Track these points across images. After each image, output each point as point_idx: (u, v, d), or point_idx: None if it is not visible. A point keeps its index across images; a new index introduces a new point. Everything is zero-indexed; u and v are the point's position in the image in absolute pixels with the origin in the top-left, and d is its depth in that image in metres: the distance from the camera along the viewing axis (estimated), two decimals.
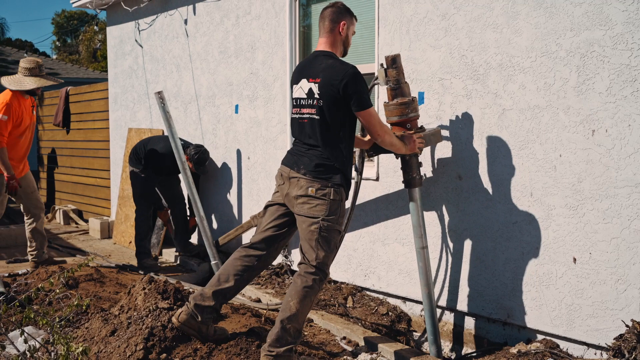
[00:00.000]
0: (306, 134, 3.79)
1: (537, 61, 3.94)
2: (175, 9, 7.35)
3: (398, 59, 4.21)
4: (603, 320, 3.71)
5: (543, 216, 3.97)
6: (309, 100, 3.76)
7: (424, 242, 4.28)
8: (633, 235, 3.57)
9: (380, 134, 3.82)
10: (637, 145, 3.52)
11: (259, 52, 6.13)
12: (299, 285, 3.65)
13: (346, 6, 3.94)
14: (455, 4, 4.37)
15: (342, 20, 3.86)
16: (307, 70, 3.83)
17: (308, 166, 3.71)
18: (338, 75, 3.66)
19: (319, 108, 3.71)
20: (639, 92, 3.49)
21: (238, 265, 3.86)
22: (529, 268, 4.06)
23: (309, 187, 3.68)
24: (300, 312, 3.62)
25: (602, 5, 3.62)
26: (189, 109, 7.24)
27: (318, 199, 3.67)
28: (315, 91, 3.72)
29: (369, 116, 3.74)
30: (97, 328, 4.02)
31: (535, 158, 3.99)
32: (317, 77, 3.73)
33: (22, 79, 6.21)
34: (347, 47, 3.97)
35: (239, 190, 6.53)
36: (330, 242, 3.71)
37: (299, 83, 3.85)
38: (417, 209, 4.25)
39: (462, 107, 4.37)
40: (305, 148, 3.78)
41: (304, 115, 3.79)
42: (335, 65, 3.73)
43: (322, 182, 3.68)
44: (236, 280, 3.83)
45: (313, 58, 3.88)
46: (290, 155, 3.90)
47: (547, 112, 3.91)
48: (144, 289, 4.23)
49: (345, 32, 3.88)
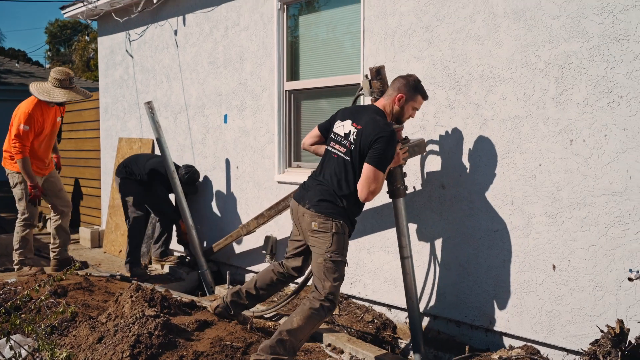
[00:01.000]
0: (329, 169, 3.98)
1: (517, 72, 4.02)
2: (165, 19, 7.42)
3: (382, 70, 4.29)
4: (582, 326, 3.78)
5: (523, 224, 4.05)
6: (344, 141, 3.95)
7: (408, 252, 4.34)
8: (610, 243, 3.64)
9: (365, 196, 3.84)
10: (613, 154, 3.60)
11: (248, 63, 6.20)
12: (306, 305, 3.86)
13: (418, 83, 4.07)
14: (438, 16, 4.45)
15: (402, 94, 4.01)
16: (355, 115, 4.02)
17: (312, 200, 3.93)
18: (377, 128, 3.83)
19: (349, 151, 3.90)
20: (614, 102, 3.58)
21: (273, 278, 4.34)
22: (510, 275, 4.13)
23: (312, 222, 3.90)
24: (300, 329, 3.80)
25: (579, 19, 3.71)
26: (178, 118, 7.30)
27: (321, 232, 3.88)
28: (352, 135, 3.91)
29: (374, 176, 3.80)
30: (84, 335, 4.06)
31: (515, 167, 4.07)
32: (360, 124, 3.92)
33: (51, 90, 6.22)
34: (400, 118, 4.10)
35: (227, 199, 6.58)
36: (336, 272, 3.88)
37: (344, 121, 4.03)
38: (401, 219, 4.32)
39: (445, 117, 4.45)
40: (316, 183, 4.00)
41: (336, 151, 3.99)
42: (379, 121, 3.89)
43: (324, 216, 3.87)
44: (268, 290, 4.39)
45: (366, 109, 4.10)
46: (300, 189, 4.14)
47: (527, 122, 3.99)
48: (131, 296, 4.27)
49: (400, 104, 4.03)
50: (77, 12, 8.61)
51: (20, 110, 6.17)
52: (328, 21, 5.58)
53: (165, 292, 4.70)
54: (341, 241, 3.89)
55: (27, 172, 6.13)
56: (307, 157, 5.79)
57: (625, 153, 3.55)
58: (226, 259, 6.59)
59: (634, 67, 3.49)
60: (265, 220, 5.59)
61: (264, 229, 5.88)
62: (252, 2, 6.12)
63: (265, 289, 4.35)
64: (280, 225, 5.85)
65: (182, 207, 6.40)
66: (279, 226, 5.86)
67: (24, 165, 6.10)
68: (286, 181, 5.74)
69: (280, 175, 5.86)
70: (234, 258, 6.49)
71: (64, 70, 6.38)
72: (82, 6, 8.40)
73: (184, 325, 4.09)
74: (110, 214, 8.23)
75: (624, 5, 3.51)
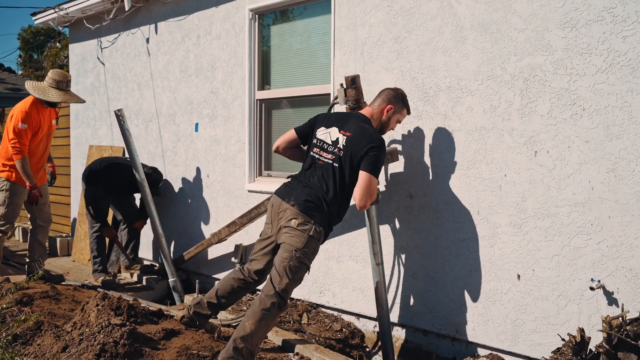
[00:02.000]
0: (316, 175, 3.98)
1: (484, 84, 4.09)
2: (138, 27, 7.40)
3: (357, 79, 4.36)
4: (545, 335, 3.84)
5: (489, 234, 4.10)
6: (332, 148, 3.98)
7: (380, 259, 4.41)
8: (573, 253, 3.70)
9: (365, 202, 3.87)
10: (576, 165, 3.67)
11: (219, 72, 6.21)
12: (257, 307, 3.80)
13: (405, 96, 4.22)
14: (407, 28, 4.51)
15: (390, 105, 4.12)
16: (342, 122, 4.06)
17: (298, 199, 3.91)
18: (369, 138, 3.89)
19: (338, 158, 3.93)
20: (577, 115, 3.65)
21: (234, 285, 4.23)
22: (476, 284, 4.18)
23: (293, 218, 3.88)
24: (254, 334, 3.75)
25: (544, 32, 3.78)
26: (149, 126, 7.27)
27: (298, 231, 3.85)
28: (341, 143, 3.94)
29: (371, 184, 3.86)
30: (48, 344, 4.01)
31: (482, 178, 4.12)
32: (349, 131, 3.95)
33: (47, 89, 6.08)
34: (384, 129, 4.18)
35: (198, 208, 6.56)
36: (297, 273, 3.87)
37: (329, 128, 4.06)
38: (373, 226, 4.39)
39: (413, 127, 4.49)
40: (302, 185, 3.99)
41: (323, 158, 4.00)
42: (369, 130, 3.97)
43: (307, 217, 3.86)
44: (230, 297, 4.27)
45: (352, 116, 4.12)
46: (284, 187, 4.10)
47: (492, 133, 4.05)
48: (97, 305, 4.24)
49: (388, 115, 4.13)
50: (48, 18, 8.55)
51: (16, 110, 6.00)
52: (301, 31, 5.62)
53: (133, 300, 4.67)
54: (313, 246, 3.90)
55: (26, 173, 5.92)
56: (278, 166, 5.80)
57: (587, 164, 3.62)
58: (196, 268, 6.56)
59: (596, 81, 3.57)
60: (237, 228, 5.58)
61: (234, 237, 5.87)
62: (224, 12, 6.14)
63: (227, 297, 4.27)
64: (250, 234, 5.84)
65: (151, 216, 6.36)
66: (249, 234, 5.85)
67: (24, 165, 5.89)
68: (257, 190, 5.75)
69: (250, 184, 5.86)
70: (204, 266, 6.47)
71: (62, 72, 6.26)
72: (53, 13, 8.35)
73: (151, 334, 4.06)
74: (79, 222, 8.15)
75: (587, 20, 3.59)
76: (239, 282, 4.22)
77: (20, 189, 6.06)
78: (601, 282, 3.57)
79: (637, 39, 3.42)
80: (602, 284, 3.57)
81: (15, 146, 5.86)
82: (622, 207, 3.50)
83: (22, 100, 6.12)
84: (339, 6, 5.00)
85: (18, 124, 5.88)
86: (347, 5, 4.94)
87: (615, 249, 3.54)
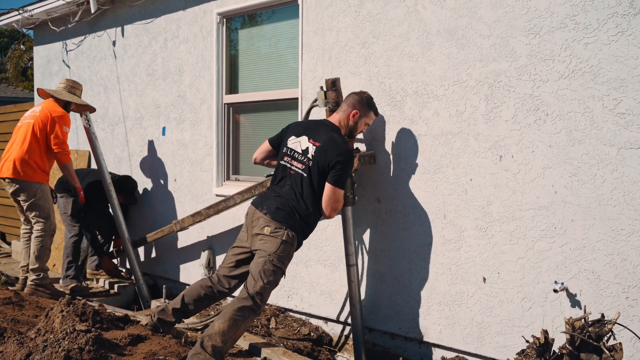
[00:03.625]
0: (287, 184, 4.02)
1: (450, 89, 4.13)
2: (104, 30, 7.33)
3: (337, 82, 4.42)
4: (510, 337, 3.89)
5: (455, 237, 4.14)
6: (302, 157, 4.01)
7: (354, 260, 4.46)
8: (537, 256, 3.76)
9: (329, 212, 3.98)
10: (540, 170, 3.73)
11: (187, 75, 6.18)
12: (228, 308, 3.84)
13: (370, 99, 4.24)
14: (375, 33, 4.54)
15: (356, 110, 4.16)
16: (311, 131, 4.09)
17: (270, 208, 3.96)
18: (337, 149, 3.92)
19: (307, 168, 3.97)
20: (541, 120, 3.71)
21: (201, 292, 4.20)
22: (443, 287, 4.22)
23: (266, 226, 3.93)
24: (223, 332, 3.76)
25: (508, 39, 3.84)
26: (116, 130, 7.20)
27: (271, 237, 3.91)
28: (311, 152, 3.97)
29: (335, 195, 3.94)
30: (11, 352, 3.94)
31: (448, 182, 4.17)
32: (318, 141, 3.99)
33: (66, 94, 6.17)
34: (353, 132, 4.23)
35: (165, 212, 6.51)
36: (272, 276, 3.89)
37: (299, 137, 4.09)
38: (349, 227, 4.45)
39: (381, 132, 4.52)
40: (275, 194, 4.03)
41: (293, 167, 4.04)
42: (338, 140, 3.99)
43: (278, 224, 3.91)
44: (196, 305, 4.25)
45: (321, 125, 4.14)
46: (259, 197, 4.15)
47: (458, 138, 4.10)
48: (62, 311, 4.18)
49: (354, 120, 4.18)
50: (12, 20, 8.40)
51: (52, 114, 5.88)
52: (269, 35, 5.61)
53: (98, 306, 4.61)
54: (287, 250, 3.93)
55: (72, 175, 6.00)
56: (246, 170, 5.79)
57: (551, 169, 3.69)
58: (163, 273, 6.51)
59: (559, 87, 3.63)
60: (202, 218, 5.53)
61: (200, 237, 5.84)
62: (191, 15, 6.11)
63: (193, 303, 4.25)
64: (215, 227, 5.82)
65: (118, 220, 6.30)
66: (215, 227, 5.83)
67: (70, 167, 5.96)
68: (224, 194, 5.72)
69: (218, 189, 5.84)
70: (171, 272, 6.42)
71: (76, 81, 6.36)
72: (17, 14, 8.20)
73: (117, 340, 4.02)
74: None
75: (550, 27, 3.66)
76: (207, 289, 4.21)
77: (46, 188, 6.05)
78: (564, 284, 3.63)
79: (598, 46, 3.49)
80: (565, 286, 3.63)
81: (61, 150, 5.86)
82: (585, 211, 3.57)
83: (48, 105, 6.01)
84: (307, 11, 5.02)
85: (64, 127, 5.89)
86: (315, 9, 4.96)
87: (578, 252, 3.60)
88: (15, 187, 5.84)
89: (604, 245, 3.51)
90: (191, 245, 6.15)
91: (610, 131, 3.46)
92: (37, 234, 5.93)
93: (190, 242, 6.16)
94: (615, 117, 3.44)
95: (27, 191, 5.85)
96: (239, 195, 5.13)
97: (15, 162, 5.79)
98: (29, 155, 5.80)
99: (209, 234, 5.94)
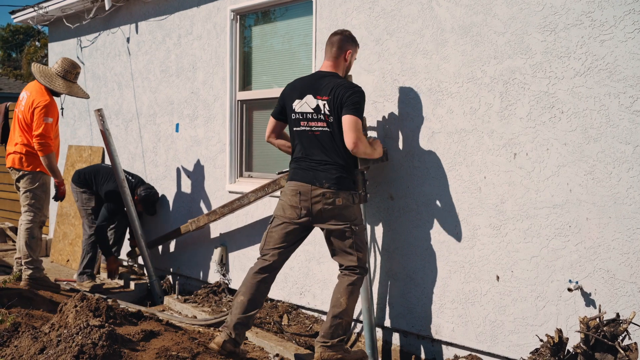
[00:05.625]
0: (318, 147, 4.06)
1: (464, 87, 4.11)
2: (118, 27, 7.36)
3: (350, 79, 4.40)
4: (524, 335, 3.87)
5: (469, 235, 4.12)
6: (318, 115, 4.04)
7: None
8: (551, 254, 3.74)
9: (357, 144, 3.98)
10: (554, 168, 3.70)
11: (200, 72, 6.19)
12: (344, 283, 4.05)
13: (352, 35, 4.27)
14: (389, 30, 4.52)
15: (349, 49, 4.22)
16: (312, 87, 4.11)
17: (330, 180, 4.00)
18: (348, 88, 4.01)
19: (329, 124, 4.03)
20: (556, 118, 3.68)
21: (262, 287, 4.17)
22: (456, 286, 4.20)
23: (336, 198, 4.01)
24: (349, 307, 4.03)
25: (523, 36, 3.81)
26: (130, 126, 7.22)
27: (346, 207, 4.03)
28: (325, 108, 4.01)
29: (357, 124, 3.97)
30: (26, 346, 3.97)
31: (461, 179, 4.15)
32: (326, 95, 4.02)
33: (54, 77, 5.90)
34: (347, 71, 4.30)
35: (178, 209, 6.53)
36: (362, 240, 4.12)
37: (303, 98, 4.11)
38: None
39: (394, 129, 4.51)
40: (317, 163, 4.06)
41: (315, 128, 4.07)
42: (344, 83, 4.07)
43: (344, 192, 4.02)
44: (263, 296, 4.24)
45: (319, 77, 4.15)
46: (303, 171, 4.11)
47: (472, 135, 4.08)
48: (75, 306, 4.20)
49: (349, 59, 4.25)
50: (28, 17, 8.47)
51: (36, 99, 5.70)
52: (283, 32, 5.61)
53: (112, 302, 4.63)
54: (359, 209, 4.15)
55: (53, 169, 5.77)
56: (259, 167, 5.80)
57: (565, 167, 3.66)
58: (176, 269, 6.53)
59: (575, 84, 3.60)
60: (217, 217, 5.57)
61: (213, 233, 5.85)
62: (205, 12, 6.12)
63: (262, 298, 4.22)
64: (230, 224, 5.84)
65: (131, 217, 6.33)
66: (229, 225, 5.84)
67: (51, 160, 5.71)
68: (237, 191, 5.73)
69: (231, 185, 5.85)
70: (184, 267, 6.44)
71: (74, 62, 6.05)
72: (32, 11, 8.26)
73: (130, 336, 4.04)
74: (58, 222, 8.07)
75: (565, 23, 3.63)
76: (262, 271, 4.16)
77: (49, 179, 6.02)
78: (579, 283, 3.61)
79: (614, 43, 3.46)
80: (579, 285, 3.60)
81: (41, 142, 5.64)
82: (600, 209, 3.54)
83: (34, 86, 5.87)
84: (321, 8, 5.01)
85: (44, 118, 5.64)
86: (328, 6, 4.95)
87: (592, 251, 3.58)
88: (19, 175, 5.88)
89: (619, 244, 3.48)
90: (204, 242, 6.16)
91: (626, 129, 3.43)
92: (26, 225, 5.85)
93: (203, 239, 6.17)
94: (632, 114, 3.41)
95: (29, 179, 5.87)
96: (253, 194, 5.15)
97: (19, 153, 5.83)
98: (27, 146, 5.81)
99: (221, 231, 5.95)
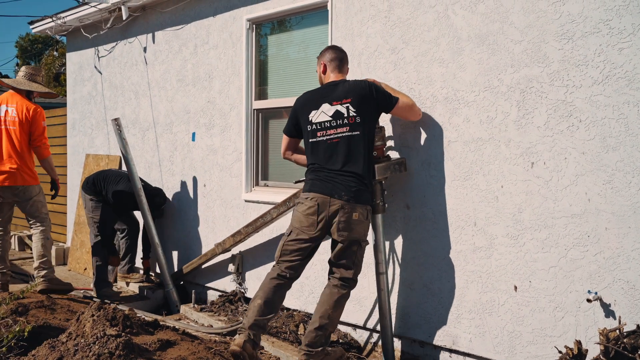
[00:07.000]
0: (336, 156, 4.09)
1: (480, 95, 4.09)
2: (135, 36, 7.41)
3: None
4: (542, 346, 3.83)
5: (486, 245, 4.09)
6: (338, 121, 4.10)
7: (384, 268, 4.44)
8: (570, 264, 3.70)
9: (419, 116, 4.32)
10: (572, 177, 3.67)
11: (216, 81, 6.21)
12: (336, 296, 4.11)
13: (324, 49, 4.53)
14: (404, 38, 4.52)
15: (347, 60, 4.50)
16: (327, 96, 4.21)
17: (349, 192, 4.03)
18: (364, 86, 4.15)
19: (354, 125, 4.09)
20: (574, 126, 3.65)
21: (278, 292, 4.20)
22: (473, 296, 4.17)
23: (354, 212, 4.05)
24: (336, 320, 4.17)
25: (540, 44, 3.79)
26: (146, 135, 7.27)
27: (360, 223, 4.08)
28: (350, 110, 4.10)
29: (404, 104, 4.21)
30: (43, 355, 3.99)
31: (478, 189, 4.12)
32: (346, 97, 4.11)
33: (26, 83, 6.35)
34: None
35: (194, 218, 6.55)
36: (362, 256, 4.21)
37: (319, 108, 4.18)
38: (379, 234, 4.43)
39: (410, 138, 4.50)
40: (335, 174, 4.09)
41: (334, 136, 4.12)
42: (356, 81, 4.22)
43: (362, 206, 4.07)
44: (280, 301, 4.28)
45: (333, 86, 4.25)
46: (322, 182, 4.12)
47: (489, 144, 4.05)
48: (92, 315, 4.22)
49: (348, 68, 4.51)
50: (46, 27, 8.56)
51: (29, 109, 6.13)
52: (298, 41, 5.62)
53: (128, 311, 4.64)
54: (369, 225, 4.22)
55: (53, 168, 6.39)
56: (275, 176, 5.80)
57: (584, 176, 3.62)
58: (192, 278, 6.54)
59: (593, 93, 3.57)
60: (243, 237, 5.58)
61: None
62: (221, 21, 6.15)
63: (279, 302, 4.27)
64: (247, 244, 5.83)
65: (148, 226, 6.36)
66: (245, 244, 5.84)
67: (50, 162, 6.33)
68: (253, 200, 5.74)
69: (247, 194, 5.85)
70: (200, 276, 6.45)
71: (35, 66, 6.68)
72: (50, 22, 8.36)
73: (146, 345, 4.04)
74: (75, 231, 8.13)
75: (583, 32, 3.60)
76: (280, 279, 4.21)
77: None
78: (598, 294, 3.56)
79: (633, 51, 3.43)
80: (599, 296, 3.56)
81: (46, 143, 6.21)
82: (619, 219, 3.50)
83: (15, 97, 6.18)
84: (336, 17, 5.01)
85: (43, 122, 6.20)
86: (344, 15, 4.95)
87: (612, 261, 3.53)
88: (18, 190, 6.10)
89: (639, 254, 3.44)
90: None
91: None
92: (42, 229, 6.20)
93: None
94: None
95: (31, 190, 6.17)
96: (275, 210, 5.17)
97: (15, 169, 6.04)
98: (22, 161, 6.06)
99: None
